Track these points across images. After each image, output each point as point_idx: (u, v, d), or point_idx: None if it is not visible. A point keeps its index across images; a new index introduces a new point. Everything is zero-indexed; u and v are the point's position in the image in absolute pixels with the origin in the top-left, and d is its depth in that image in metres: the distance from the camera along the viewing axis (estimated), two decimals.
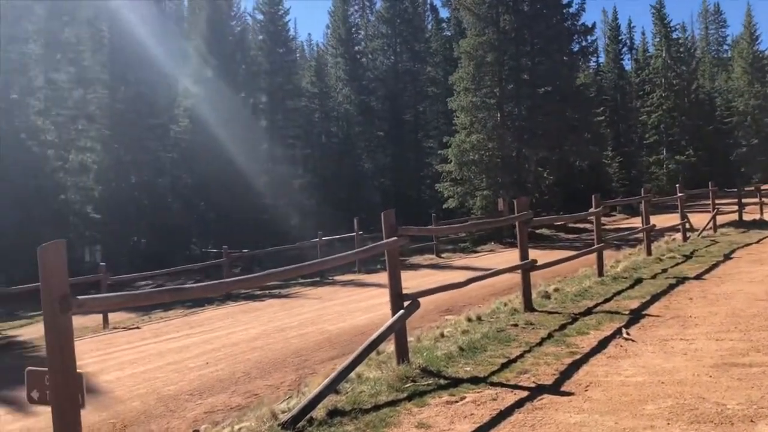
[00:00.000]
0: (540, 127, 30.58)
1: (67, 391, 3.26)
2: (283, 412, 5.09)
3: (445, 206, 31.12)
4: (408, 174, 39.57)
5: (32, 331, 16.13)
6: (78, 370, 3.40)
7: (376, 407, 5.16)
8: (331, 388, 4.96)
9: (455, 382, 5.70)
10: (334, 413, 5.04)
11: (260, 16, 40.97)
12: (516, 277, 9.61)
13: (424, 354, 6.58)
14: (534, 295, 9.46)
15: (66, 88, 28.31)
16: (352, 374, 5.48)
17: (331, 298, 15.79)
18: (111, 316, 14.95)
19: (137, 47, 29.93)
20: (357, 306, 13.78)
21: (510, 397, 5.22)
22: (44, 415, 8.13)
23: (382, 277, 18.26)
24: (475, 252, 25.42)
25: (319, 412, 5.04)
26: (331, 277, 20.33)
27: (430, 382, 5.76)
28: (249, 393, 7.68)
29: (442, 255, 24.30)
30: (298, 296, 16.85)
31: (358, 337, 10.28)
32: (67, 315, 3.24)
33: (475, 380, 5.74)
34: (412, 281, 11.43)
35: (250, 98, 36.39)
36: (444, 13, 49.25)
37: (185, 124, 34.33)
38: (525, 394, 5.27)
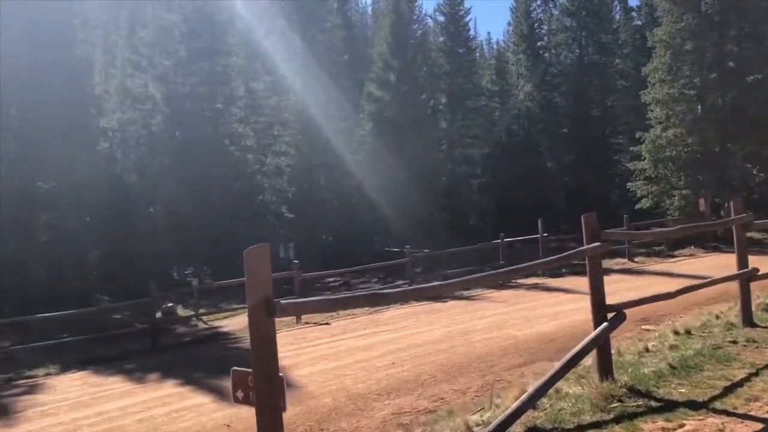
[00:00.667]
0: (748, 119, 27.53)
1: (269, 394, 3.27)
2: (478, 425, 4.85)
3: (637, 207, 29.11)
4: (594, 172, 37.58)
5: (235, 323, 17.44)
6: (279, 373, 3.38)
7: (580, 428, 4.73)
8: (530, 403, 4.62)
9: (669, 406, 5.09)
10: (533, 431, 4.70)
11: (441, 18, 41.29)
12: (719, 285, 8.57)
13: (629, 370, 5.99)
14: (753, 308, 8.35)
15: (263, 96, 30.47)
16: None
17: (515, 302, 15.28)
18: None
19: (326, 54, 31.45)
20: (543, 311, 13.16)
21: (740, 430, 4.52)
22: (243, 405, 8.69)
23: (568, 282, 17.44)
24: (672, 256, 23.40)
25: (516, 428, 4.72)
26: (514, 280, 19.77)
27: (640, 403, 5.19)
28: (435, 396, 7.54)
29: (635, 259, 22.65)
30: (480, 299, 16.52)
31: (546, 345, 9.78)
32: (271, 319, 3.23)
33: (693, 405, 5.07)
34: (604, 288, 10.66)
35: (430, 100, 36.74)
36: (633, 2, 46.41)
37: (369, 127, 35.47)
38: (759, 426, 4.54)
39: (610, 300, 5.79)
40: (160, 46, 29.88)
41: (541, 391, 4.68)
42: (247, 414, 7.84)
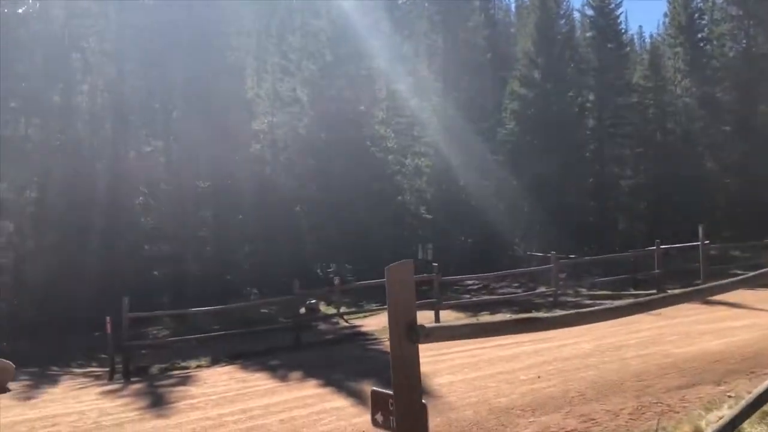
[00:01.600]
0: None
1: (411, 422, 2.97)
2: None
3: None
4: (763, 174, 34.12)
5: (375, 323, 17.52)
6: (423, 401, 3.09)
7: None
8: None
9: None
10: None
11: (590, 12, 39.37)
12: None
13: None
14: None
15: (404, 98, 30.61)
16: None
17: (672, 315, 13.98)
18: (442, 313, 15.37)
19: (469, 53, 31.02)
20: (705, 327, 11.97)
21: None
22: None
23: (731, 296, 15.78)
24: None
25: None
26: (670, 291, 18.29)
27: None
28: (585, 416, 6.94)
29: None
30: None
31: (711, 365, 8.79)
32: (414, 346, 2.94)
33: None
34: None
35: (577, 97, 35.12)
36: None
37: (511, 126, 34.56)
38: None
39: None
40: (308, 51, 30.94)
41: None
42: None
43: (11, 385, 11.61)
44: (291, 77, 30.71)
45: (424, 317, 16.36)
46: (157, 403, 9.35)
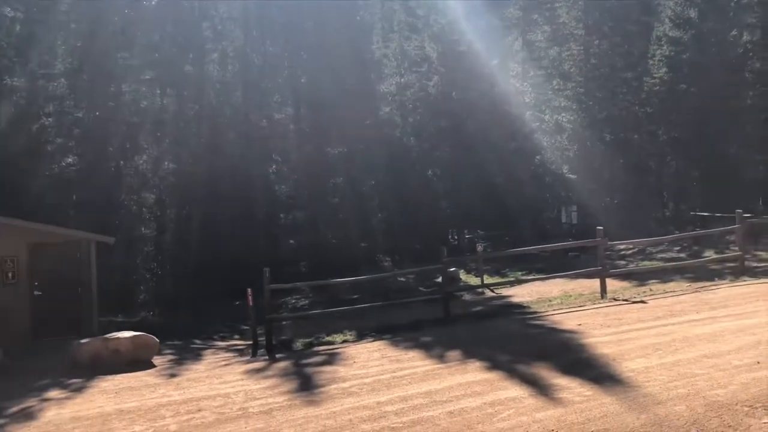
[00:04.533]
0: None
1: None
2: None
3: None
4: None
5: (523, 293, 16.01)
6: None
7: None
8: None
9: None
10: None
11: None
12: None
13: None
14: None
15: (542, 47, 28.26)
16: None
17: None
18: (611, 283, 13.57)
19: None
20: None
21: None
22: (575, 405, 7.07)
23: None
24: None
25: None
26: None
27: None
28: None
29: None
30: None
31: None
32: None
33: None
34: None
35: (741, 37, 31.00)
36: None
37: (661, 73, 31.12)
38: None
39: None
40: (435, 5, 29.22)
41: None
42: (575, 420, 6.27)
43: (156, 359, 11.23)
44: (418, 35, 29.17)
45: (585, 286, 14.59)
46: (306, 386, 8.42)
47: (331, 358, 10.10)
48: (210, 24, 25.29)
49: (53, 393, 9.17)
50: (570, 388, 7.26)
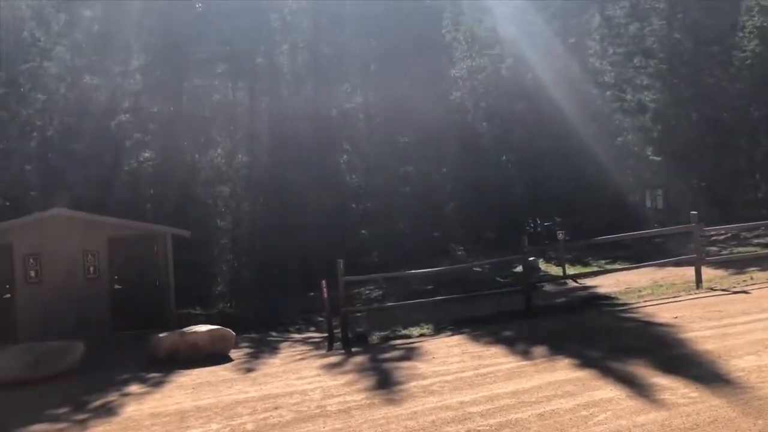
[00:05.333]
0: None
1: None
2: None
3: None
4: None
5: (609, 283, 15.18)
6: None
7: None
8: None
9: None
10: None
11: None
12: None
13: None
14: None
15: (622, 24, 26.88)
16: None
17: None
18: (705, 271, 12.62)
19: None
20: None
21: None
22: (680, 408, 6.43)
23: None
24: None
25: None
26: None
27: None
28: None
29: None
30: None
31: None
32: None
33: None
34: None
35: None
36: None
37: (752, 47, 29.10)
38: None
39: None
40: None
41: None
42: (681, 425, 5.65)
43: (233, 352, 11.15)
44: (490, 16, 28.25)
45: (676, 275, 13.67)
46: (384, 383, 8.06)
47: (409, 353, 9.73)
48: (279, 16, 25.28)
49: (133, 387, 9.18)
50: (672, 388, 6.63)
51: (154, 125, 23.04)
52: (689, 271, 13.03)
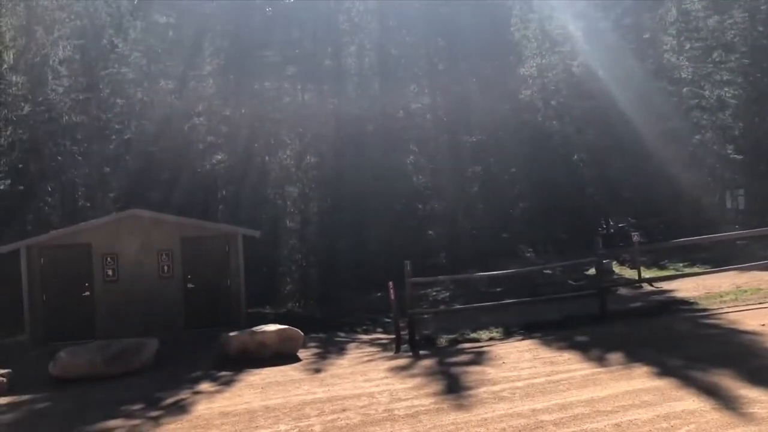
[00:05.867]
0: None
1: None
2: None
3: None
4: None
5: (688, 287, 14.52)
6: None
7: None
8: None
9: None
10: None
11: None
12: None
13: None
14: None
15: (700, 17, 25.74)
16: None
17: None
18: None
19: None
20: None
21: None
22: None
23: None
24: None
25: None
26: None
27: None
28: None
29: None
30: None
31: None
32: None
33: None
34: None
35: None
36: None
37: None
38: None
39: None
40: None
41: None
42: None
43: (301, 352, 11.22)
44: (561, 14, 27.57)
45: (761, 280, 12.94)
46: (453, 387, 7.92)
47: (478, 357, 9.55)
48: (347, 17, 25.41)
49: (204, 386, 9.34)
50: (762, 401, 6.27)
51: (226, 128, 23.54)
52: None
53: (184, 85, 23.49)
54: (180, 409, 8.14)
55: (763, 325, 9.26)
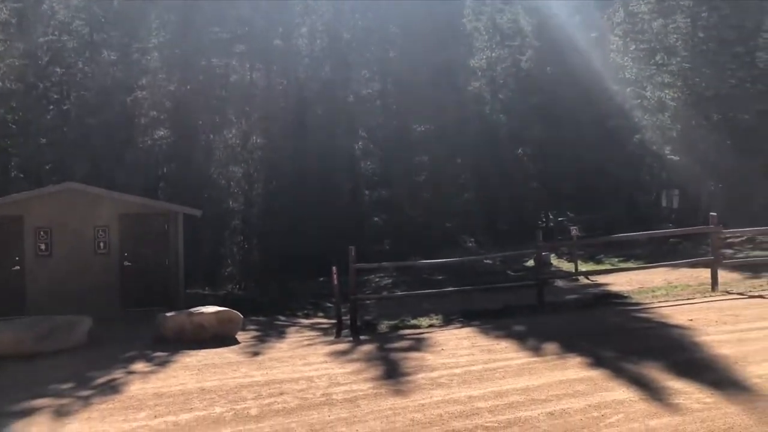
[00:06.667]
0: None
1: None
2: None
3: None
4: None
5: (622, 281, 14.99)
6: None
7: None
8: None
9: None
10: None
11: None
12: None
13: None
14: None
15: (645, 20, 26.41)
16: None
17: None
18: (720, 274, 12.39)
19: None
20: None
21: None
22: (694, 414, 6.26)
23: None
24: None
25: None
26: None
27: None
28: None
29: None
30: None
31: None
32: None
33: None
34: None
35: None
36: None
37: None
38: None
39: None
40: None
41: None
42: (695, 430, 5.54)
43: (240, 335, 11.09)
44: (512, 7, 27.93)
45: (690, 277, 13.46)
46: (392, 373, 7.96)
47: (418, 344, 9.62)
48: None
49: (138, 366, 9.13)
50: (686, 392, 6.49)
51: (170, 103, 22.94)
52: (704, 273, 12.82)
53: (127, 57, 22.78)
54: (112, 389, 7.93)
55: (691, 320, 9.61)
